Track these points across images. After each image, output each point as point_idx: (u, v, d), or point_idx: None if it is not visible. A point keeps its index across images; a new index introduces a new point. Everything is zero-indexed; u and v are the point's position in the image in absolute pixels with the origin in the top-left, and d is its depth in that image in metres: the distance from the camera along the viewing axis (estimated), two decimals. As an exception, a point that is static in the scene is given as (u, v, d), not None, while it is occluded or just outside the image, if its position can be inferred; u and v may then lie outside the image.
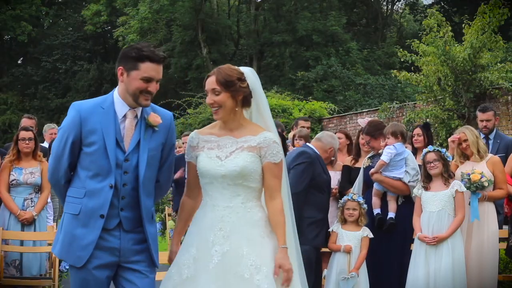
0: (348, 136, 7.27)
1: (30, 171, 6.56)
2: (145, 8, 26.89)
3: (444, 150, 5.52)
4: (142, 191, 3.38)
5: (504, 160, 6.20)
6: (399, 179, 5.61)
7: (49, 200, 7.09)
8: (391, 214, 5.64)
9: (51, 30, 36.45)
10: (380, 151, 5.83)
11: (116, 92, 3.43)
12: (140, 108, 3.43)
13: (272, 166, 3.34)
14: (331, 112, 17.75)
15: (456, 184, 5.42)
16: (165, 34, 28.77)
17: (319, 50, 26.68)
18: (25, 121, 8.18)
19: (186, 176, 3.88)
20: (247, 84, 3.39)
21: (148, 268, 3.44)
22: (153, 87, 3.35)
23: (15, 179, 6.50)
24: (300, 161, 5.60)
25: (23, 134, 6.66)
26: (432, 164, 5.44)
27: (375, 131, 5.92)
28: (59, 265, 6.45)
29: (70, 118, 3.37)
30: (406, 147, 5.88)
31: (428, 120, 12.74)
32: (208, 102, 3.42)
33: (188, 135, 10.09)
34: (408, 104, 14.90)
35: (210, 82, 3.38)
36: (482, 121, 7.03)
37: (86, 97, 34.25)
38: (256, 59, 28.48)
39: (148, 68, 3.31)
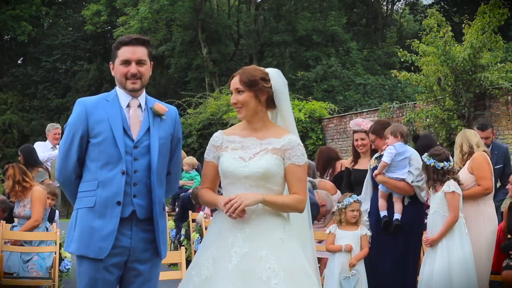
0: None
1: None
2: (145, 8, 26.88)
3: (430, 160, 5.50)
4: (155, 178, 3.40)
5: (501, 171, 6.39)
6: (403, 180, 5.56)
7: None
8: (397, 216, 5.59)
9: (51, 30, 36.45)
10: (382, 152, 5.80)
11: (116, 87, 3.56)
12: (144, 98, 3.53)
13: (295, 169, 3.32)
14: (331, 112, 17.76)
15: (445, 186, 5.45)
16: (165, 34, 28.78)
17: (319, 50, 26.68)
18: None
19: None
20: (271, 84, 3.39)
21: (152, 268, 3.50)
22: (134, 69, 3.45)
23: None
24: None
25: None
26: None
27: (381, 129, 5.85)
28: (59, 265, 6.45)
29: (76, 113, 3.42)
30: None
31: (428, 120, 12.75)
32: (231, 102, 3.46)
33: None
34: (408, 104, 14.91)
35: (234, 82, 3.41)
36: (481, 138, 7.04)
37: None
38: (256, 59, 28.47)
39: (124, 51, 3.47)
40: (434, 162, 5.43)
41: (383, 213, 5.68)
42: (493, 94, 12.07)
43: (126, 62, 3.45)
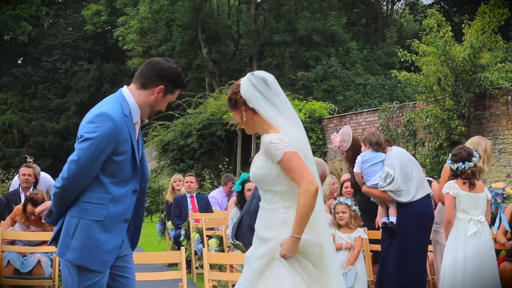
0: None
1: None
2: (145, 8, 26.89)
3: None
4: (145, 186, 3.53)
5: None
6: (376, 186, 5.65)
7: None
8: (392, 218, 5.65)
9: (51, 30, 36.47)
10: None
11: (132, 99, 3.42)
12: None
13: (280, 165, 3.31)
14: (331, 112, 17.75)
15: (445, 186, 5.49)
16: (165, 34, 28.79)
17: (319, 50, 26.70)
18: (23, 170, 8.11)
19: None
20: (240, 94, 3.42)
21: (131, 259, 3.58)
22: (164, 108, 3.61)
23: None
24: None
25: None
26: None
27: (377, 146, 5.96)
28: (59, 265, 6.45)
29: (107, 128, 3.27)
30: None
31: (428, 120, 12.76)
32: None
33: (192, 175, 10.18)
34: (408, 104, 14.90)
35: None
36: None
37: (86, 97, 34.34)
38: (256, 59, 28.48)
39: (177, 94, 3.53)
40: (451, 162, 5.45)
41: (383, 219, 5.75)
42: (493, 94, 12.07)
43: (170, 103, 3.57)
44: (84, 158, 3.26)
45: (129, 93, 3.41)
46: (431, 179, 6.72)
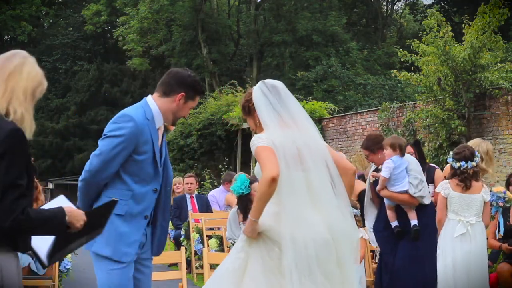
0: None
1: None
2: (145, 8, 26.88)
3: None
4: (169, 190, 3.79)
5: None
6: (405, 192, 5.59)
7: None
8: (414, 222, 5.61)
9: (51, 30, 36.48)
10: (380, 166, 5.79)
11: (155, 105, 3.68)
12: None
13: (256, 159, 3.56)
14: (331, 112, 17.75)
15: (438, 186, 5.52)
16: (165, 34, 28.78)
17: (319, 50, 26.69)
18: None
19: None
20: (252, 102, 3.67)
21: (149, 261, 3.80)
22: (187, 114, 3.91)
23: None
24: None
25: None
26: None
27: (373, 145, 5.91)
28: (59, 265, 6.45)
29: (129, 129, 3.52)
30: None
31: (428, 120, 12.75)
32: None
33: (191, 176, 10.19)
34: (408, 104, 14.90)
35: None
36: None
37: (86, 97, 34.35)
38: (256, 59, 28.49)
39: (197, 101, 3.78)
40: (453, 160, 5.41)
41: (394, 223, 5.69)
42: (493, 94, 12.07)
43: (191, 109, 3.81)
44: (105, 153, 3.53)
45: (152, 101, 3.68)
46: (434, 165, 6.64)
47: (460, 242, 5.27)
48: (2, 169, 2.55)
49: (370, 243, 6.11)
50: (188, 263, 8.36)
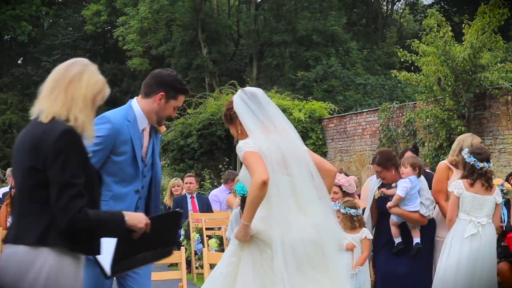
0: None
1: None
2: (145, 8, 26.87)
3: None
4: (159, 190, 3.79)
5: None
6: (417, 211, 5.57)
7: None
8: (416, 240, 5.61)
9: (51, 30, 36.47)
10: (393, 184, 5.72)
11: (138, 107, 3.72)
12: None
13: (244, 164, 3.58)
14: (331, 112, 17.75)
15: (451, 185, 5.46)
16: (165, 34, 28.78)
17: (319, 50, 26.69)
18: None
19: None
20: (234, 110, 3.72)
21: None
22: (174, 114, 3.86)
23: None
24: None
25: None
26: None
27: (386, 162, 5.77)
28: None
29: (106, 130, 3.57)
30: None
31: (428, 120, 12.75)
32: None
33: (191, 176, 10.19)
34: (408, 104, 14.90)
35: None
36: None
37: (86, 97, 34.28)
38: (256, 59, 28.49)
39: (181, 99, 3.78)
40: (475, 160, 5.31)
41: (397, 240, 5.67)
42: (493, 94, 12.07)
43: (176, 109, 3.77)
44: None
45: (136, 103, 3.73)
46: (431, 172, 6.65)
47: (470, 242, 5.22)
48: (57, 169, 2.55)
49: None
50: (188, 263, 8.36)
